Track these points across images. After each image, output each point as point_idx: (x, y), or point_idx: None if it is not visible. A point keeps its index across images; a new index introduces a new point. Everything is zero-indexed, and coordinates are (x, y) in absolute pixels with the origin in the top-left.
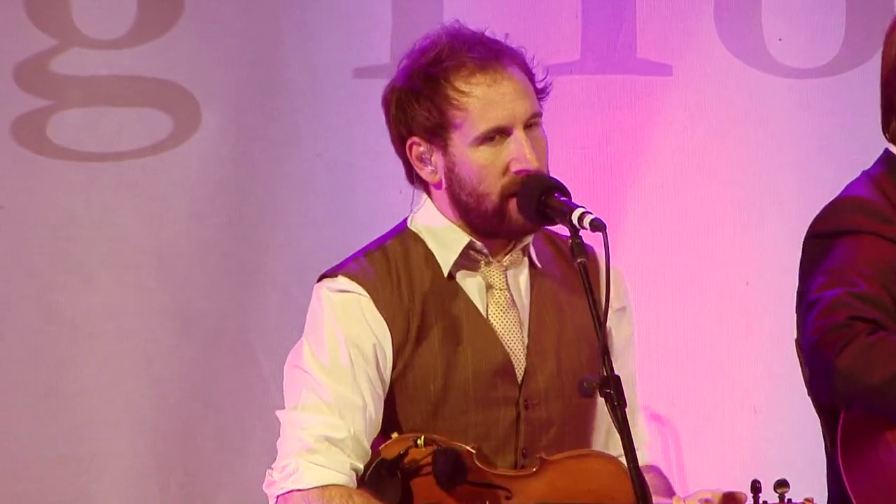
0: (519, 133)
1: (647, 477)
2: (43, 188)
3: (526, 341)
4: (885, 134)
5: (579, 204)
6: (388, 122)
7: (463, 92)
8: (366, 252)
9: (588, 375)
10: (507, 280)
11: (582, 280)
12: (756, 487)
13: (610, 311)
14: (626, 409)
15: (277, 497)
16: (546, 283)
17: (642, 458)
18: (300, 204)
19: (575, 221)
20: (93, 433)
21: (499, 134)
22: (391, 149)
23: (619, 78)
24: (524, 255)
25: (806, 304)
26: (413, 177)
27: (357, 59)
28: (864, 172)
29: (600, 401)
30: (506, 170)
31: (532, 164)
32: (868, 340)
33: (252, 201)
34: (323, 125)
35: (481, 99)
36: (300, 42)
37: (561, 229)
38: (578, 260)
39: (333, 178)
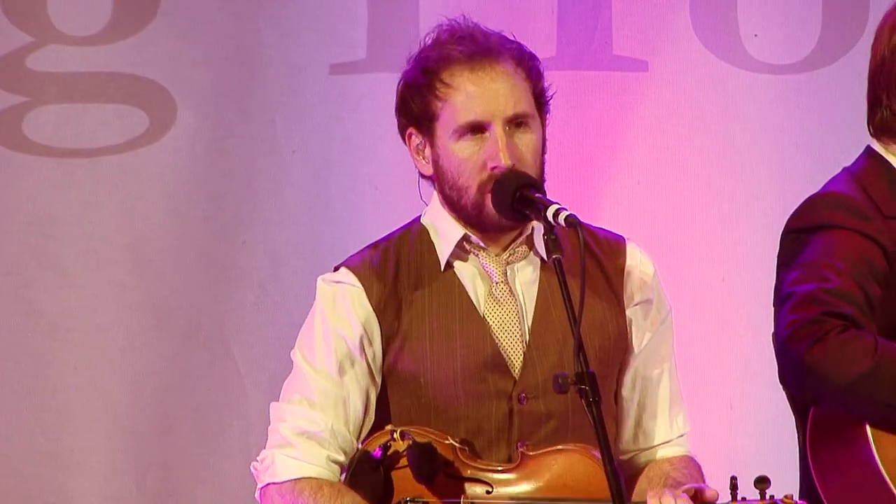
0: (497, 130)
1: (681, 468)
2: (19, 185)
3: (526, 336)
4: (868, 127)
5: (554, 200)
6: (395, 112)
7: (447, 84)
8: (374, 244)
9: (563, 371)
10: (506, 274)
11: (557, 275)
12: (734, 485)
13: (630, 304)
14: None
15: (260, 490)
16: (556, 278)
17: (682, 450)
18: (276, 200)
19: (550, 218)
20: (70, 429)
21: (477, 129)
22: (367, 145)
23: (595, 74)
24: (530, 249)
25: (780, 298)
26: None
27: (333, 55)
28: (844, 169)
29: (622, 395)
30: (483, 166)
31: (504, 161)
32: (838, 339)
33: (228, 198)
34: (299, 122)
35: (462, 92)
36: (276, 38)
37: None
38: (553, 256)
39: (309, 174)
